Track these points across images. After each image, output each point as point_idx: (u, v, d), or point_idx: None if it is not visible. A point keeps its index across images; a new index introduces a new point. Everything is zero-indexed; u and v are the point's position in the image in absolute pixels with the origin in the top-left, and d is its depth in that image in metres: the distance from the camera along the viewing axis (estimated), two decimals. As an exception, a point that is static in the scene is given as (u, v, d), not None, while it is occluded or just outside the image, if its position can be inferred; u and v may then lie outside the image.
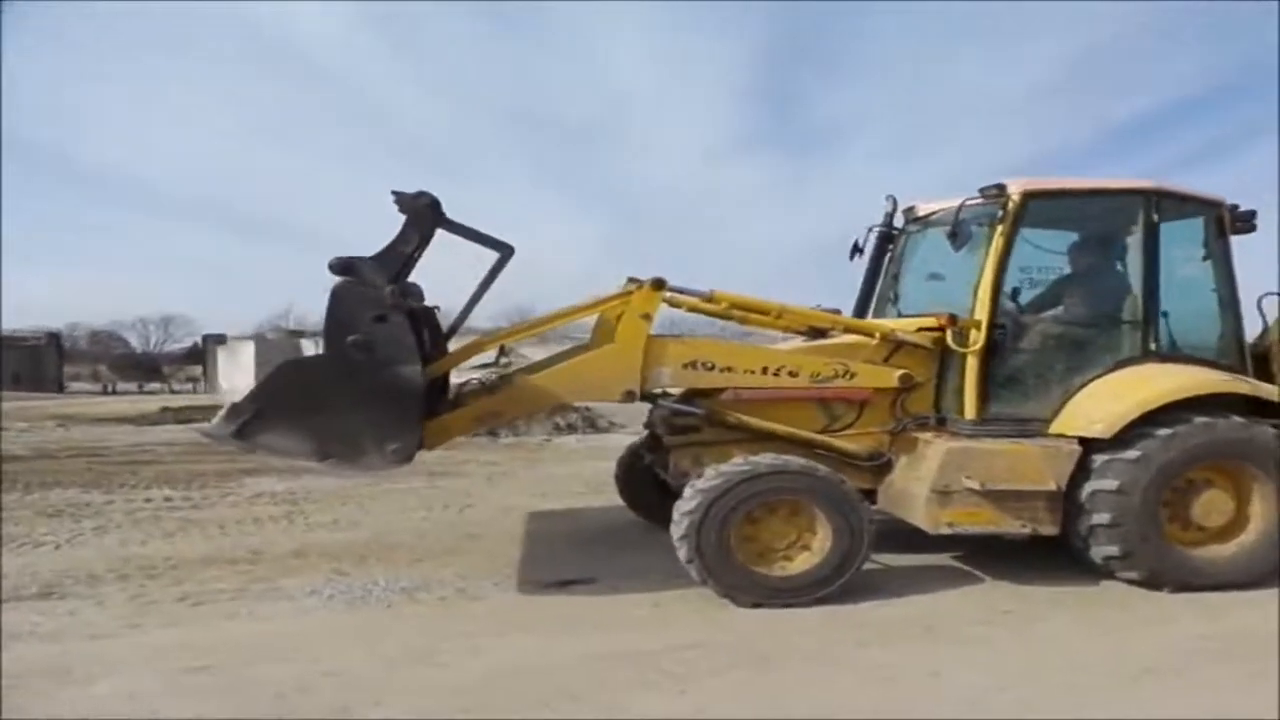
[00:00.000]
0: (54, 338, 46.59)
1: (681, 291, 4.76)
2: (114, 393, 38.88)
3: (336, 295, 4.08)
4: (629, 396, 4.55)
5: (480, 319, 4.90)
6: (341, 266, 4.11)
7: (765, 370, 4.65)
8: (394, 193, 4.30)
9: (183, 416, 16.85)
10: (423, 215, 4.30)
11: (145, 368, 50.86)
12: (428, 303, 4.68)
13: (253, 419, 4.05)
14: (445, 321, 5.02)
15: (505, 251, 4.55)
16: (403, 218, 4.30)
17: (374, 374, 4.02)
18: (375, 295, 4.07)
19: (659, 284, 4.58)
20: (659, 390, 4.74)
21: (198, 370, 44.57)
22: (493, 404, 4.57)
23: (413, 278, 4.43)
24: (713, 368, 4.61)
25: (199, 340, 47.88)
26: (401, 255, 4.26)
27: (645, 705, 3.15)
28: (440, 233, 4.41)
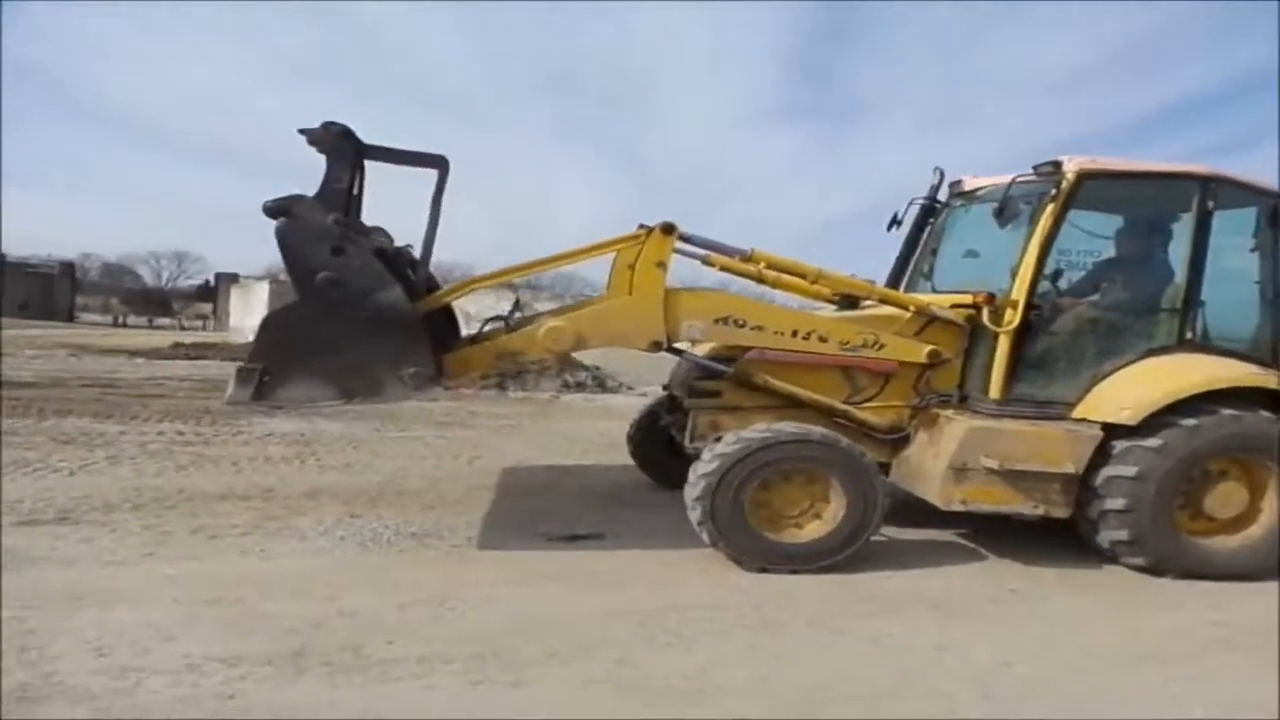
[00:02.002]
0: (69, 267, 46.77)
1: (692, 240, 4.62)
2: (124, 325, 39.06)
3: (282, 237, 3.96)
4: (655, 347, 4.51)
5: (488, 269, 4.85)
6: (276, 209, 3.97)
7: (795, 333, 4.59)
8: (301, 130, 4.11)
9: (194, 353, 16.98)
10: (339, 147, 4.15)
11: (156, 302, 51.05)
12: (398, 246, 4.58)
13: (265, 378, 3.99)
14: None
15: (441, 165, 4.40)
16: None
17: (356, 307, 3.95)
18: (321, 230, 3.95)
19: (668, 229, 4.44)
20: (682, 345, 4.69)
21: (208, 308, 44.75)
22: (515, 342, 4.50)
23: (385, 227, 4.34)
24: (744, 325, 4.54)
25: (211, 278, 48.02)
26: (339, 192, 4.12)
27: (653, 662, 3.17)
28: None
